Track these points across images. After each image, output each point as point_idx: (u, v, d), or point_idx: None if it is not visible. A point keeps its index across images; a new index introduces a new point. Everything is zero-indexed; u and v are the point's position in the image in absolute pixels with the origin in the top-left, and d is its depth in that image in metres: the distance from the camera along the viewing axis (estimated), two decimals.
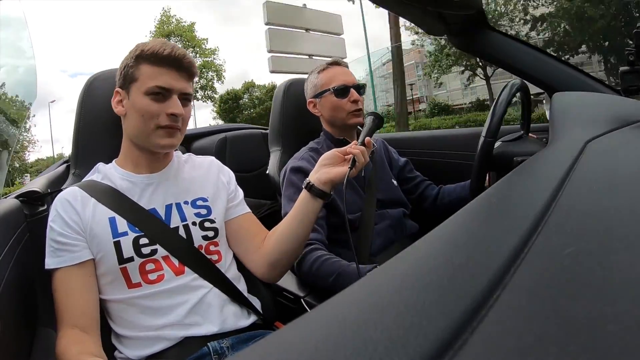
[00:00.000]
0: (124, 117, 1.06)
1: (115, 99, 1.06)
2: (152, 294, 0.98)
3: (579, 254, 0.28)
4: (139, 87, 1.00)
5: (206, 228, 1.09)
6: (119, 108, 1.05)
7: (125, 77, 1.03)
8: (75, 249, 0.97)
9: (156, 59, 1.00)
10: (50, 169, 1.67)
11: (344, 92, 1.50)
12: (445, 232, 0.37)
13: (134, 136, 1.05)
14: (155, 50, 0.99)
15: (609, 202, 0.39)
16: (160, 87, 1.00)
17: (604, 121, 0.85)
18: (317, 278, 1.24)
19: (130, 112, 1.03)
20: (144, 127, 1.01)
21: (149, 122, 1.00)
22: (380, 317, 0.22)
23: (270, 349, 0.22)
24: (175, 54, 1.01)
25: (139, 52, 1.01)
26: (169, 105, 1.01)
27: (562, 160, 0.57)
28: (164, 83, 1.00)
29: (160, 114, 1.00)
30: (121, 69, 1.05)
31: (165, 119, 1.01)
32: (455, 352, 0.18)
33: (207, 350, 0.97)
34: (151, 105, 1.00)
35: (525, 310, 0.22)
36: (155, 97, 1.00)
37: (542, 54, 1.45)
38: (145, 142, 1.04)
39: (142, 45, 1.02)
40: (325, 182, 1.07)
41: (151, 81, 1.00)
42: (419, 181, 1.70)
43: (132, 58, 1.02)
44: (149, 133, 1.02)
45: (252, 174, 2.09)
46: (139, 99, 1.00)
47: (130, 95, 1.02)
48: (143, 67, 1.01)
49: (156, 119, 1.00)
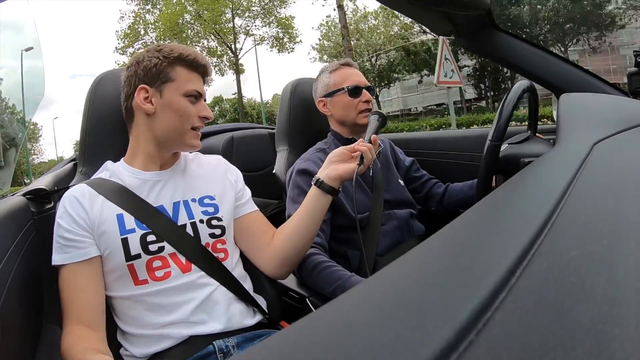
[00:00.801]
0: (149, 115, 1.06)
1: (141, 95, 1.05)
2: (159, 291, 0.99)
3: (585, 257, 0.28)
4: (176, 88, 1.05)
5: (213, 226, 1.09)
6: (147, 105, 1.05)
7: (157, 76, 1.04)
8: (83, 245, 0.97)
9: (193, 64, 1.07)
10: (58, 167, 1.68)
11: (357, 92, 1.51)
12: (451, 233, 0.37)
13: (165, 134, 1.06)
14: (195, 57, 1.07)
15: (615, 205, 0.38)
16: (197, 91, 1.07)
17: (612, 123, 0.85)
18: (316, 284, 1.24)
19: (163, 110, 1.05)
20: (180, 126, 1.05)
21: (186, 122, 1.06)
22: (385, 318, 0.22)
23: (275, 348, 0.22)
24: (205, 62, 1.10)
25: (177, 55, 1.05)
26: (200, 108, 1.08)
27: (569, 162, 0.57)
28: (199, 88, 1.08)
29: (194, 116, 1.06)
30: (147, 66, 1.05)
31: (198, 121, 1.07)
32: (460, 354, 0.19)
33: (213, 348, 0.97)
34: (189, 106, 1.06)
35: (531, 313, 0.22)
36: (191, 100, 1.06)
37: (550, 55, 1.44)
38: (176, 140, 1.07)
39: (178, 48, 1.07)
40: (334, 178, 1.09)
41: (190, 84, 1.06)
42: (425, 180, 1.70)
43: (165, 58, 1.05)
44: (184, 132, 1.06)
45: (259, 174, 2.09)
46: (178, 99, 1.05)
47: (164, 95, 1.04)
48: (180, 69, 1.06)
49: (191, 120, 1.06)
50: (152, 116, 1.06)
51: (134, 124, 1.09)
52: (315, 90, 1.63)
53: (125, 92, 1.08)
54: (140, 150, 1.09)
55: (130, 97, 1.07)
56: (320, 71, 1.63)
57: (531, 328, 0.20)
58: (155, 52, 1.06)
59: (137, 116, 1.08)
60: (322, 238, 1.33)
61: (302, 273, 1.27)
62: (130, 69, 1.08)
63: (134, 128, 1.10)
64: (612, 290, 0.23)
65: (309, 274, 1.24)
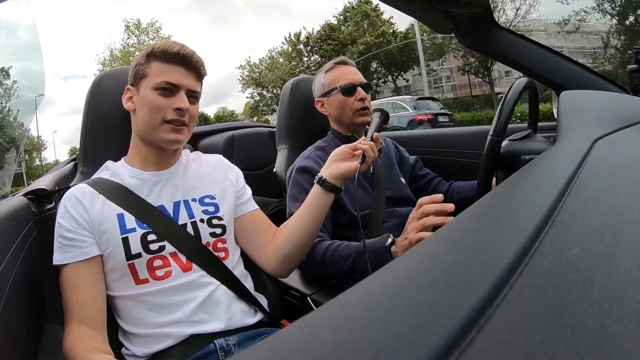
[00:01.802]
0: (133, 113, 1.08)
1: (126, 95, 1.09)
2: (160, 290, 0.99)
3: (586, 254, 0.28)
4: (148, 82, 1.04)
5: (214, 225, 1.09)
6: (128, 104, 1.08)
7: (136, 75, 1.06)
8: (83, 245, 0.97)
9: (165, 56, 1.04)
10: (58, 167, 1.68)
11: (351, 91, 1.51)
12: (451, 231, 0.37)
13: (141, 131, 1.07)
14: (164, 48, 1.04)
15: (616, 202, 0.38)
16: (168, 83, 1.03)
17: (612, 120, 0.85)
18: (331, 265, 1.23)
19: (139, 107, 1.06)
20: (151, 120, 1.03)
21: (156, 116, 1.03)
22: (386, 316, 0.22)
23: (276, 346, 0.22)
24: (183, 52, 1.05)
25: (150, 50, 1.05)
26: (175, 100, 1.04)
27: (570, 159, 0.57)
28: (172, 79, 1.03)
29: (167, 109, 1.03)
30: (132, 67, 1.08)
31: (172, 113, 1.03)
32: (461, 352, 0.19)
33: (214, 347, 0.97)
34: (158, 99, 1.03)
35: (532, 310, 0.22)
36: (163, 92, 1.03)
37: (550, 52, 1.44)
38: (152, 136, 1.06)
39: (154, 44, 1.06)
40: (336, 176, 1.09)
41: (160, 77, 1.03)
42: (430, 178, 1.71)
43: (143, 57, 1.06)
44: (156, 127, 1.04)
45: (259, 172, 2.09)
46: (148, 94, 1.03)
47: (140, 91, 1.05)
48: (153, 64, 1.04)
49: (163, 113, 1.03)
50: (134, 114, 1.08)
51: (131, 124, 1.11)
52: (313, 90, 1.64)
53: None
54: (134, 149, 1.11)
55: None
56: (317, 72, 1.63)
57: (532, 325, 0.20)
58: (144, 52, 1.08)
59: (131, 116, 1.10)
60: (325, 234, 1.34)
61: (313, 262, 1.26)
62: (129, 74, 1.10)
63: (132, 128, 1.11)
64: (613, 287, 0.23)
65: (320, 259, 1.24)
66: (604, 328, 0.19)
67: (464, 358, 0.18)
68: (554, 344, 0.18)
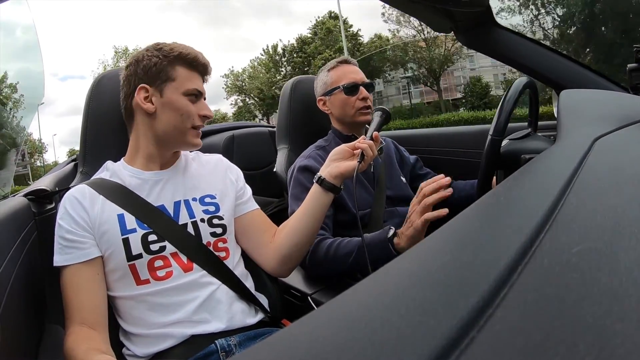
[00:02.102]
0: (149, 115, 1.06)
1: (141, 94, 1.06)
2: (161, 290, 0.99)
3: (586, 253, 0.28)
4: (177, 87, 1.05)
5: (214, 225, 1.09)
6: (148, 105, 1.05)
7: (157, 75, 1.05)
8: (84, 246, 0.97)
9: (193, 63, 1.08)
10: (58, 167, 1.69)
11: (354, 90, 1.51)
12: (452, 230, 0.37)
13: (165, 133, 1.06)
14: (195, 56, 1.08)
15: (616, 200, 0.38)
16: (197, 90, 1.07)
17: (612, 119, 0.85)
18: (335, 262, 1.23)
19: (164, 109, 1.05)
20: (181, 125, 1.06)
21: (187, 121, 1.06)
22: (387, 315, 0.22)
23: (277, 346, 0.22)
24: (206, 62, 1.10)
25: (177, 54, 1.06)
26: (200, 107, 1.08)
27: (570, 158, 0.57)
28: (199, 87, 1.08)
29: (195, 115, 1.07)
30: (147, 66, 1.05)
31: (199, 120, 1.08)
32: (462, 351, 0.19)
33: (215, 347, 0.97)
34: (189, 105, 1.06)
35: (533, 309, 0.22)
36: (191, 99, 1.06)
37: (550, 51, 1.44)
38: (178, 139, 1.07)
39: (178, 47, 1.07)
40: (335, 175, 1.09)
41: (189, 84, 1.06)
42: (430, 178, 1.70)
43: (165, 57, 1.05)
44: (185, 131, 1.06)
45: (260, 172, 2.09)
46: (178, 98, 1.05)
47: (165, 94, 1.05)
48: (180, 69, 1.06)
49: (192, 118, 1.06)
50: (153, 115, 1.06)
51: (134, 124, 1.09)
52: (315, 88, 1.63)
53: (125, 91, 1.08)
54: (140, 150, 1.09)
55: (129, 96, 1.07)
56: (320, 70, 1.63)
57: (533, 324, 0.20)
58: (155, 51, 1.06)
59: (137, 116, 1.08)
60: (327, 231, 1.34)
61: (316, 261, 1.27)
62: (129, 69, 1.08)
63: (134, 128, 1.09)
64: (614, 285, 0.23)
65: (324, 256, 1.25)
66: (604, 327, 0.19)
67: (464, 357, 0.18)
68: (554, 343, 0.18)
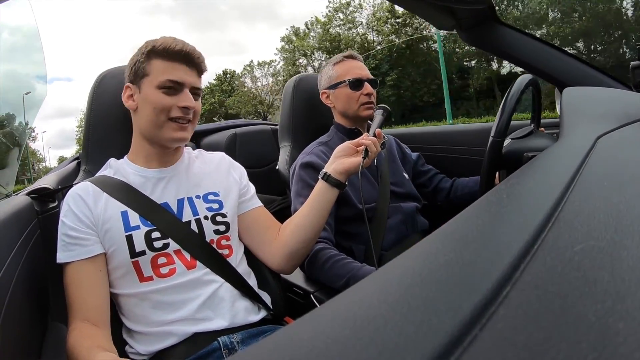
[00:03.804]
0: (134, 112, 1.08)
1: (126, 93, 1.07)
2: (164, 288, 0.99)
3: (589, 251, 0.28)
4: (151, 81, 1.03)
5: (218, 222, 1.09)
6: (130, 102, 1.07)
7: (136, 73, 1.05)
8: (87, 243, 0.98)
9: (168, 54, 1.03)
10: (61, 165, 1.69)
11: (359, 85, 1.52)
12: (454, 228, 0.37)
13: (145, 130, 1.06)
14: (167, 46, 1.02)
15: (619, 199, 0.38)
16: (172, 81, 1.02)
17: (615, 117, 0.85)
18: (327, 278, 1.25)
19: (142, 105, 1.05)
20: (156, 119, 1.03)
21: (161, 114, 1.02)
22: (389, 314, 0.22)
23: (280, 344, 0.22)
24: (186, 49, 1.04)
25: (151, 48, 1.03)
26: (180, 98, 1.03)
27: (573, 156, 0.57)
28: (176, 77, 1.03)
29: (172, 107, 1.03)
30: (131, 65, 1.07)
31: (177, 111, 1.03)
32: (464, 349, 0.19)
33: (217, 345, 0.98)
34: (164, 98, 1.02)
35: (535, 307, 0.22)
36: (167, 91, 1.02)
37: (553, 49, 1.43)
38: (156, 135, 1.05)
39: (153, 42, 1.04)
40: (341, 172, 1.10)
41: (163, 75, 1.02)
42: (432, 174, 1.71)
43: (142, 54, 1.04)
44: (161, 125, 1.03)
45: (262, 170, 2.09)
46: (152, 93, 1.02)
47: (142, 90, 1.04)
48: (155, 62, 1.03)
49: (168, 111, 1.03)
50: (136, 113, 1.07)
51: (132, 122, 1.11)
52: (319, 82, 1.64)
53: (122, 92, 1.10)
54: (137, 147, 1.11)
55: None
56: (325, 64, 1.63)
57: (535, 322, 0.20)
58: (139, 49, 1.07)
59: (131, 114, 1.10)
60: (329, 232, 1.34)
61: (311, 268, 1.28)
62: (126, 70, 1.09)
63: (133, 126, 1.11)
64: (616, 284, 0.23)
65: (319, 268, 1.26)
66: (606, 325, 0.19)
67: (466, 355, 0.18)
68: (556, 342, 0.18)
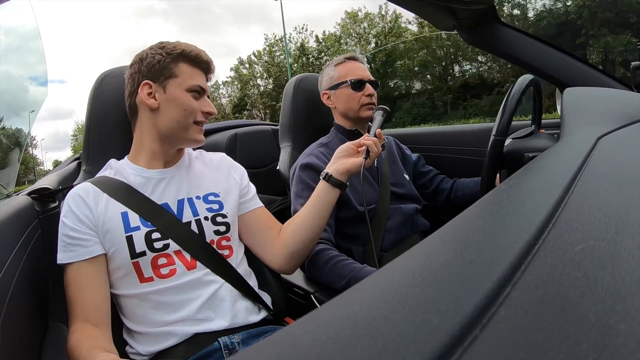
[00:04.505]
0: (153, 110, 1.07)
1: (144, 91, 1.07)
2: (165, 289, 0.99)
3: (589, 251, 0.28)
4: (180, 83, 1.06)
5: (218, 223, 1.09)
6: (151, 101, 1.06)
7: (160, 72, 1.06)
8: (87, 243, 0.98)
9: (196, 61, 1.09)
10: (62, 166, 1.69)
11: (360, 86, 1.52)
12: (455, 228, 0.37)
13: (167, 129, 1.07)
14: (197, 53, 1.09)
15: (620, 199, 0.38)
16: (200, 87, 1.08)
17: (616, 117, 0.84)
18: (328, 278, 1.25)
19: (166, 105, 1.06)
20: (184, 121, 1.06)
21: (189, 117, 1.07)
22: (390, 314, 0.22)
23: (280, 344, 0.22)
24: (208, 59, 1.12)
25: (180, 52, 1.07)
26: (203, 103, 1.09)
27: (574, 157, 0.57)
28: (202, 84, 1.09)
29: (197, 111, 1.08)
30: (150, 63, 1.06)
31: (201, 116, 1.09)
32: (465, 349, 0.19)
33: (218, 345, 0.98)
34: (192, 101, 1.07)
35: (536, 308, 0.22)
36: (194, 95, 1.08)
37: (554, 49, 1.43)
38: (179, 135, 1.08)
39: (180, 45, 1.08)
40: (342, 172, 1.11)
41: (192, 80, 1.07)
42: (433, 175, 1.71)
43: (168, 55, 1.06)
44: (187, 127, 1.07)
45: (263, 170, 2.09)
46: (181, 95, 1.06)
47: (168, 90, 1.05)
48: (183, 66, 1.07)
49: (194, 114, 1.07)
50: (156, 111, 1.07)
51: (137, 121, 1.10)
52: (320, 82, 1.64)
53: (129, 89, 1.09)
54: (144, 147, 1.10)
55: (133, 93, 1.08)
56: (326, 64, 1.63)
57: (536, 323, 0.20)
58: (158, 49, 1.07)
59: (140, 113, 1.09)
60: (329, 232, 1.34)
61: (312, 269, 1.28)
62: (133, 67, 1.09)
63: (138, 125, 1.10)
64: (617, 284, 0.23)
65: (320, 269, 1.25)
66: (607, 326, 0.19)
67: (467, 356, 0.18)
68: (557, 342, 0.18)
